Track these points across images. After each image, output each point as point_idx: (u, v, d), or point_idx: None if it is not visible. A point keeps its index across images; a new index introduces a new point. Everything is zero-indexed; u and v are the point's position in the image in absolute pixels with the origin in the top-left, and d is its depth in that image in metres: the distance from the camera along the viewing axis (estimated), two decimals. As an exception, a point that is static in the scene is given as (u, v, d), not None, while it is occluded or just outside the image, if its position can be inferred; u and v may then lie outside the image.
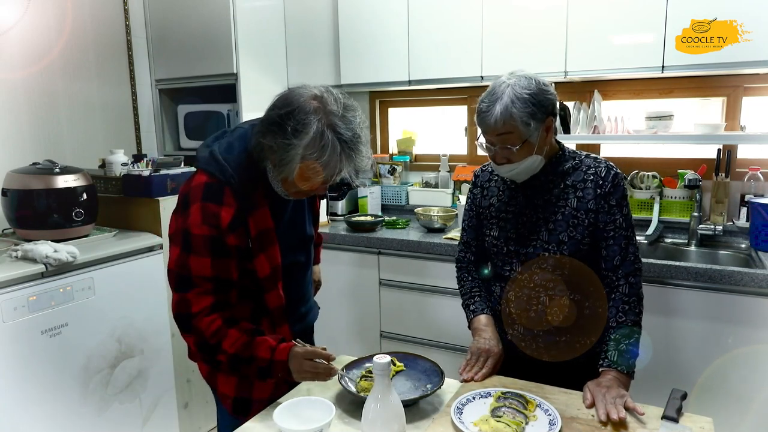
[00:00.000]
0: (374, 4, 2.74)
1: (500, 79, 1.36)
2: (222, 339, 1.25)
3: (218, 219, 1.25)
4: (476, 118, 1.38)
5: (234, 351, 1.25)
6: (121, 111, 2.97)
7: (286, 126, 1.18)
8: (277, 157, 1.21)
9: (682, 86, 2.53)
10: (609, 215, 1.40)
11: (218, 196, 1.26)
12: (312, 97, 1.21)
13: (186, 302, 1.27)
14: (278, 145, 1.19)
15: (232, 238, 1.27)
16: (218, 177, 1.27)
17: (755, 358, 1.92)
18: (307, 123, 1.17)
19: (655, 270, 2.03)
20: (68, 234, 2.13)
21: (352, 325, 2.74)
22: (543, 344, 1.47)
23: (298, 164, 1.19)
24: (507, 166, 1.39)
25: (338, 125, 1.19)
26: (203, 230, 1.24)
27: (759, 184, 2.38)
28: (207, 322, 1.25)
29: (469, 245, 1.62)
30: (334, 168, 1.21)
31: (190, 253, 1.26)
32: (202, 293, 1.26)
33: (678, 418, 1.16)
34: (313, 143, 1.17)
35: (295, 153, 1.18)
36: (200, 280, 1.26)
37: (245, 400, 1.39)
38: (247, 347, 1.25)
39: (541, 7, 2.36)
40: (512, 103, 1.30)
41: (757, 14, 2.01)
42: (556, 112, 1.40)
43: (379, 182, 3.17)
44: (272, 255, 1.35)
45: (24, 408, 1.85)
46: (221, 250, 1.26)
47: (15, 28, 2.43)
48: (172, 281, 1.29)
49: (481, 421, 1.15)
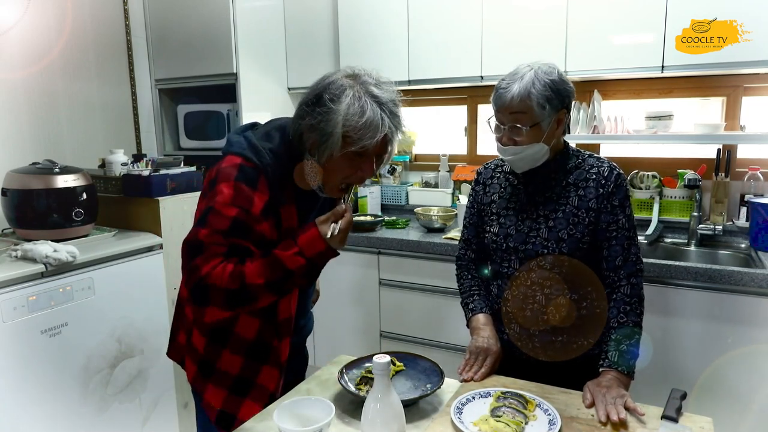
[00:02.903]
0: (374, 4, 2.74)
1: (522, 64, 1.39)
2: (244, 277, 1.15)
3: (251, 203, 1.18)
4: (492, 97, 1.39)
5: (263, 280, 1.16)
6: (121, 111, 2.97)
7: (323, 97, 1.16)
8: (318, 133, 1.17)
9: (681, 86, 2.53)
10: (611, 215, 1.40)
11: (254, 181, 1.20)
12: (345, 75, 1.21)
13: (196, 268, 1.17)
14: (317, 116, 1.16)
15: (265, 227, 1.21)
16: (254, 162, 1.21)
17: (755, 358, 1.92)
18: (344, 89, 1.17)
19: (655, 270, 2.03)
20: (68, 234, 2.13)
21: (352, 325, 2.74)
22: (539, 344, 1.47)
23: (341, 132, 1.15)
24: (512, 148, 1.39)
25: (374, 90, 1.18)
26: (231, 211, 1.17)
27: (759, 183, 2.38)
28: (219, 274, 1.15)
29: (470, 243, 1.62)
30: (376, 128, 1.16)
31: (204, 227, 1.17)
32: (210, 255, 1.16)
33: (678, 418, 1.16)
34: (352, 104, 1.15)
35: (336, 119, 1.15)
36: (210, 246, 1.17)
37: (230, 416, 1.34)
38: (275, 267, 1.16)
39: (541, 7, 2.36)
40: (532, 84, 1.33)
41: (757, 14, 2.02)
42: (570, 107, 1.41)
43: (379, 182, 3.17)
44: None
45: (24, 408, 1.85)
46: (242, 231, 1.18)
47: (15, 28, 2.43)
48: (184, 255, 1.20)
49: (481, 420, 1.15)
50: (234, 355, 1.35)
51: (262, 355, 1.35)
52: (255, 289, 1.16)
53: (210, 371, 1.37)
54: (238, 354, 1.35)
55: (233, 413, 1.35)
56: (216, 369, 1.36)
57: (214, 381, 1.37)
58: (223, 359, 1.35)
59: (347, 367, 1.37)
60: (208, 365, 1.37)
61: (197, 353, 1.39)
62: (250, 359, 1.35)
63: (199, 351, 1.38)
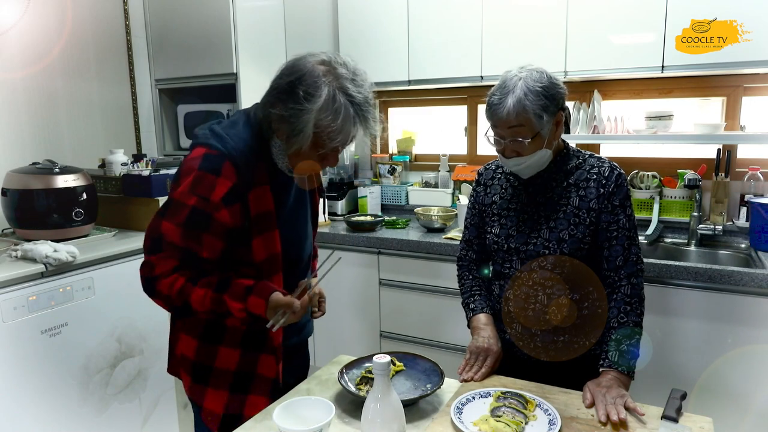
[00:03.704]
0: (374, 4, 2.74)
1: (511, 72, 1.36)
2: (188, 298, 1.20)
3: (211, 191, 1.18)
4: (486, 111, 1.37)
5: (204, 309, 1.20)
6: (121, 111, 2.97)
7: (297, 91, 1.14)
8: (289, 126, 1.16)
9: (681, 86, 2.53)
10: (612, 215, 1.40)
11: (217, 167, 1.19)
12: (319, 62, 1.18)
13: (150, 265, 1.22)
14: (290, 112, 1.15)
15: (224, 214, 1.20)
16: (218, 148, 1.21)
17: (755, 358, 1.92)
18: (318, 86, 1.14)
19: (655, 270, 2.03)
20: (68, 234, 2.13)
21: (352, 325, 2.74)
22: (541, 344, 1.47)
23: (312, 131, 1.15)
24: (516, 159, 1.39)
25: (349, 88, 1.16)
26: (189, 200, 1.19)
27: (759, 183, 2.38)
28: (168, 284, 1.20)
29: (471, 243, 1.62)
30: (348, 132, 1.17)
31: (164, 218, 1.21)
32: (167, 257, 1.21)
33: (678, 418, 1.16)
34: (326, 106, 1.14)
35: (308, 118, 1.14)
36: (168, 246, 1.20)
37: (235, 417, 1.32)
38: (219, 305, 1.20)
39: (541, 7, 2.36)
40: (525, 96, 1.30)
41: (757, 14, 2.02)
42: (565, 107, 1.40)
43: (379, 182, 3.17)
44: (270, 241, 1.28)
45: (24, 408, 1.85)
46: (199, 223, 1.19)
47: (15, 28, 2.43)
48: (145, 241, 1.24)
49: (481, 420, 1.15)
50: (230, 349, 1.33)
51: (258, 342, 1.33)
52: (196, 311, 1.22)
53: (207, 374, 1.34)
54: (234, 347, 1.33)
55: (238, 413, 1.33)
56: (213, 369, 1.34)
57: (213, 384, 1.34)
58: (220, 356, 1.33)
59: (347, 367, 1.37)
60: (204, 368, 1.34)
61: (188, 360, 1.36)
62: (247, 349, 1.33)
63: (191, 357, 1.35)
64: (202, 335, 1.34)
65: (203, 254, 1.22)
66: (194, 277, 1.22)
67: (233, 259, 1.28)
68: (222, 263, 1.27)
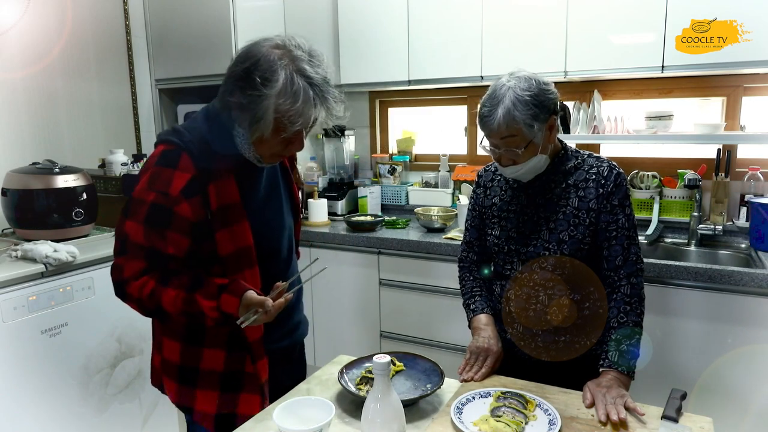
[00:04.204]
0: (374, 4, 2.74)
1: (500, 81, 1.35)
2: (159, 300, 1.19)
3: (168, 185, 1.17)
4: (478, 122, 1.37)
5: (176, 310, 1.19)
6: (121, 111, 2.97)
7: (254, 77, 1.12)
8: (249, 114, 1.15)
9: (681, 86, 2.53)
10: (611, 215, 1.40)
11: (173, 160, 1.19)
12: (273, 46, 1.16)
13: (119, 268, 1.22)
14: (248, 99, 1.13)
15: (184, 207, 1.18)
16: (176, 143, 1.20)
17: (755, 358, 1.92)
18: (275, 70, 1.12)
19: (655, 270, 2.03)
20: (68, 234, 2.13)
21: (352, 325, 2.74)
22: (542, 344, 1.47)
23: (273, 116, 1.13)
24: (512, 167, 1.39)
25: (306, 69, 1.14)
26: (148, 196, 1.18)
27: (759, 183, 2.38)
28: (138, 287, 1.20)
29: (472, 245, 1.62)
30: (309, 114, 1.15)
31: (126, 218, 1.21)
32: (133, 258, 1.20)
33: (678, 418, 1.16)
34: (284, 90, 1.12)
35: (268, 104, 1.12)
36: (132, 246, 1.20)
37: (229, 416, 1.30)
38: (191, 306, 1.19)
39: (541, 7, 2.36)
40: (514, 107, 1.30)
41: (757, 14, 2.02)
42: (557, 110, 1.40)
43: (379, 182, 3.17)
44: (239, 234, 1.25)
45: (24, 408, 1.85)
46: (161, 219, 1.18)
47: (15, 28, 2.43)
48: (114, 249, 1.24)
49: (481, 420, 1.15)
50: (214, 350, 1.31)
51: (242, 342, 1.30)
52: (169, 313, 1.21)
53: (194, 376, 1.31)
54: (218, 348, 1.31)
55: (232, 411, 1.31)
56: (200, 371, 1.31)
57: (201, 385, 1.31)
58: (205, 358, 1.31)
59: (347, 367, 1.37)
60: (190, 371, 1.32)
61: (173, 365, 1.33)
62: (233, 349, 1.31)
63: (176, 361, 1.33)
64: (185, 337, 1.32)
65: (169, 251, 1.21)
66: (164, 279, 1.21)
67: (201, 256, 1.25)
68: (190, 261, 1.25)
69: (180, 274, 1.23)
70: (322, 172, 3.21)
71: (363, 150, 3.33)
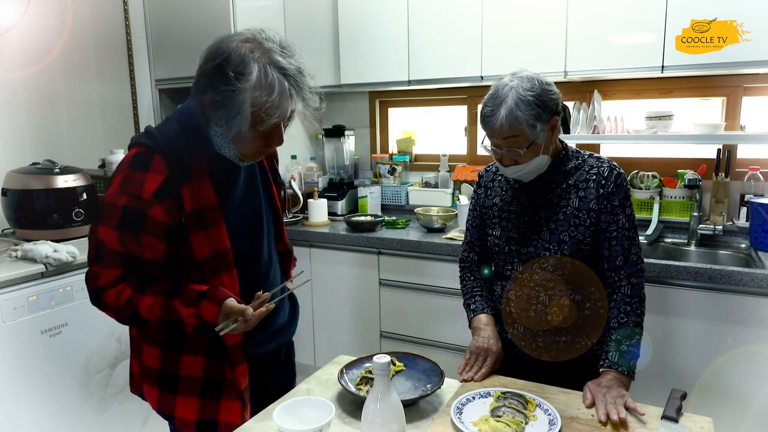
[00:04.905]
0: (374, 4, 2.74)
1: (502, 80, 1.35)
2: (137, 307, 1.17)
3: (141, 188, 1.14)
4: (480, 122, 1.37)
5: (155, 318, 1.17)
6: (121, 111, 2.97)
7: (226, 72, 1.10)
8: (225, 110, 1.12)
9: (681, 86, 2.53)
10: (611, 215, 1.40)
11: (146, 163, 1.16)
12: (243, 40, 1.14)
13: (94, 276, 1.19)
14: (223, 95, 1.11)
15: (157, 210, 1.15)
16: (149, 146, 1.18)
17: (755, 358, 1.92)
18: (248, 63, 1.10)
19: (655, 270, 2.03)
20: (68, 234, 2.13)
21: (352, 325, 2.74)
22: (543, 344, 1.47)
23: (250, 110, 1.11)
24: (514, 167, 1.39)
25: (280, 61, 1.12)
26: (120, 200, 1.15)
27: (759, 183, 2.38)
28: (115, 294, 1.17)
29: (473, 245, 1.62)
30: (285, 106, 1.13)
31: (99, 224, 1.18)
32: (109, 266, 1.18)
33: (678, 418, 1.16)
34: (259, 83, 1.10)
35: (243, 98, 1.10)
36: (108, 253, 1.17)
37: (211, 422, 1.28)
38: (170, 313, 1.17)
39: (541, 7, 2.36)
40: (517, 107, 1.29)
41: (757, 14, 2.01)
42: (560, 110, 1.40)
43: (379, 182, 3.17)
44: (215, 237, 1.22)
45: (24, 408, 1.85)
46: (134, 223, 1.15)
47: (15, 28, 2.43)
48: (88, 256, 1.22)
49: (481, 421, 1.15)
50: (194, 357, 1.28)
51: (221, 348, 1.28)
52: (146, 321, 1.19)
53: (174, 382, 1.29)
54: (197, 354, 1.28)
55: (213, 418, 1.29)
56: (180, 377, 1.29)
57: (181, 392, 1.29)
58: (183, 365, 1.28)
59: (347, 367, 1.37)
60: (170, 377, 1.29)
61: (153, 371, 1.31)
62: (212, 356, 1.28)
63: (155, 367, 1.31)
64: (163, 343, 1.30)
65: (146, 256, 1.18)
66: (141, 286, 1.19)
67: (178, 260, 1.23)
68: (166, 265, 1.23)
69: (157, 280, 1.21)
70: (322, 172, 3.21)
71: (363, 150, 3.33)
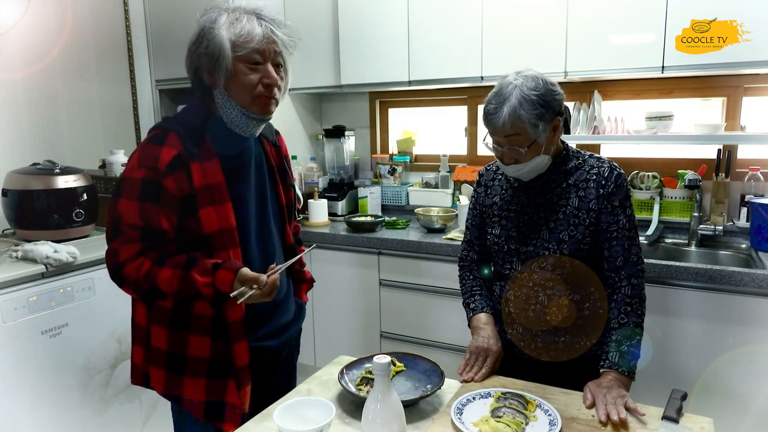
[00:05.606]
0: (374, 4, 2.74)
1: (507, 79, 1.35)
2: (155, 280, 1.21)
3: (157, 159, 1.22)
4: (483, 119, 1.38)
5: (172, 290, 1.21)
6: (121, 111, 2.97)
7: (202, 33, 1.25)
8: (208, 56, 1.24)
9: (682, 86, 2.53)
10: (612, 216, 1.40)
11: (161, 139, 1.26)
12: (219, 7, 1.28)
13: (114, 252, 1.24)
14: (203, 43, 1.24)
15: (170, 181, 1.22)
16: (165, 126, 1.29)
17: (755, 358, 1.92)
18: (217, 14, 1.25)
19: (656, 270, 2.03)
20: (68, 234, 2.13)
21: (352, 325, 2.74)
22: (542, 344, 1.47)
23: (228, 44, 1.22)
24: (514, 166, 1.39)
25: (242, 5, 1.28)
26: (138, 173, 1.23)
27: (759, 184, 2.38)
28: (134, 268, 1.22)
29: (473, 244, 1.62)
30: (257, 31, 1.24)
31: (120, 198, 1.24)
32: (129, 240, 1.23)
33: (678, 419, 1.16)
34: (228, 19, 1.24)
35: (219, 34, 1.22)
36: (128, 228, 1.23)
37: (219, 404, 1.32)
38: (187, 284, 1.21)
39: (541, 7, 2.36)
40: (520, 105, 1.30)
41: (757, 14, 2.01)
42: (563, 111, 1.40)
43: (380, 182, 3.17)
44: (223, 213, 1.28)
45: (24, 408, 1.85)
46: (153, 194, 1.22)
47: (15, 28, 2.43)
48: (107, 235, 1.27)
49: (481, 421, 1.15)
50: (200, 337, 1.32)
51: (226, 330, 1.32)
52: (165, 293, 1.23)
53: (182, 363, 1.33)
54: (203, 334, 1.32)
55: (221, 400, 1.32)
56: (188, 358, 1.32)
57: (189, 373, 1.32)
58: (191, 345, 1.32)
59: (347, 368, 1.37)
60: (178, 358, 1.33)
61: (161, 353, 1.34)
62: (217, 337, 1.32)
63: (164, 348, 1.34)
64: (170, 321, 1.33)
65: (164, 226, 1.24)
66: (160, 259, 1.24)
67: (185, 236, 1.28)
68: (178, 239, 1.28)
69: (175, 255, 1.25)
70: (322, 173, 3.21)
71: (363, 150, 3.33)
